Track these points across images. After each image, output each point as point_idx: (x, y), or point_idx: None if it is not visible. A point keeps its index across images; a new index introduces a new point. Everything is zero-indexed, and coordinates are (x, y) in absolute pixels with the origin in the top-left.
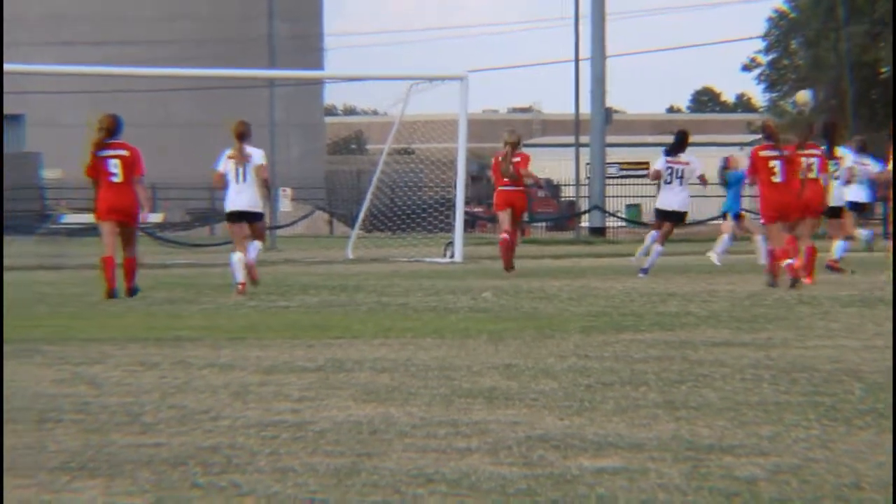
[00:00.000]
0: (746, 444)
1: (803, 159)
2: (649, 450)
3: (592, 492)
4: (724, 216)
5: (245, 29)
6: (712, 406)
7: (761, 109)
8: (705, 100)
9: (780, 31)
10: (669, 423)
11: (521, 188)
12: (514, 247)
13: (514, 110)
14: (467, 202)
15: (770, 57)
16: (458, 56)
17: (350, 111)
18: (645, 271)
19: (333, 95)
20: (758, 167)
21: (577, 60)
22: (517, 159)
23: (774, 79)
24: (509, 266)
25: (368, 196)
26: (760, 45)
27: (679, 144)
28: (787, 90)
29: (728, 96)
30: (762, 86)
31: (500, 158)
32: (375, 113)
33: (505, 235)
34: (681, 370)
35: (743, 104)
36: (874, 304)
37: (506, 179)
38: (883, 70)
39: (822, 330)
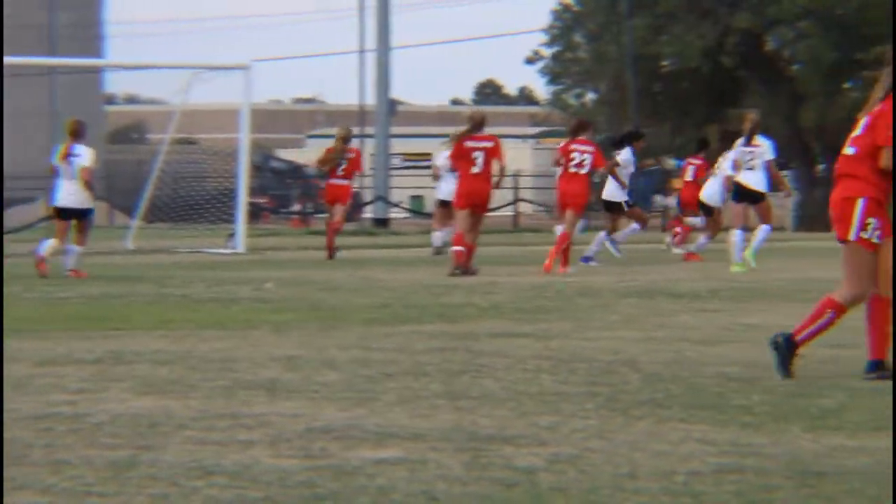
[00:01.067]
0: (526, 435)
1: (574, 154)
2: (430, 440)
3: (372, 482)
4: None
5: (23, 17)
6: (493, 396)
7: (544, 102)
8: (489, 92)
9: (564, 24)
10: (451, 413)
11: (348, 182)
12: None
13: (299, 101)
14: (251, 193)
15: (553, 50)
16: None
17: (132, 100)
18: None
19: (115, 84)
20: (460, 156)
21: (361, 51)
22: (351, 154)
23: (557, 72)
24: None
25: (149, 186)
26: (544, 37)
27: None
28: (569, 83)
29: (511, 89)
30: (545, 79)
31: (331, 153)
32: (158, 102)
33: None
34: (462, 361)
35: (526, 97)
36: (654, 295)
37: (340, 173)
38: (664, 63)
39: (602, 321)
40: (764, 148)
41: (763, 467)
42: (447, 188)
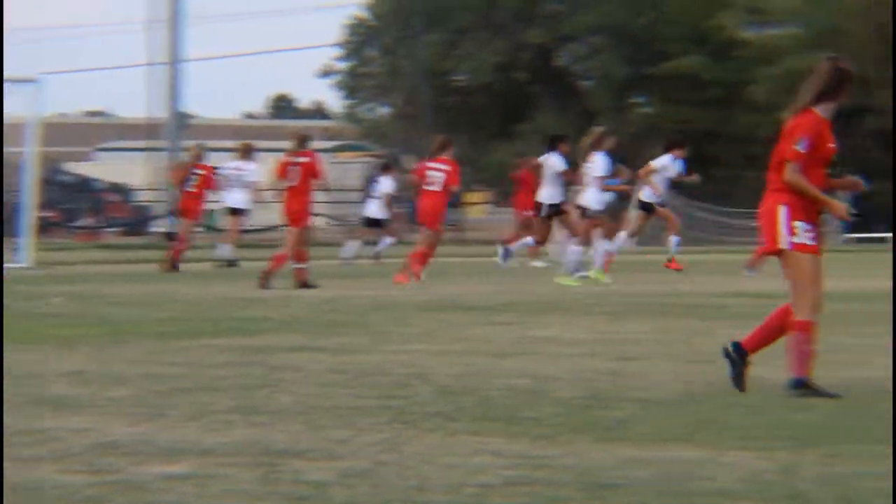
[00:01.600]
0: (319, 449)
1: (430, 172)
2: (222, 455)
3: (161, 498)
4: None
5: None
6: (287, 411)
7: (338, 116)
8: (282, 106)
9: (358, 39)
10: (244, 428)
11: (199, 198)
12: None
13: (89, 114)
14: (40, 207)
15: (347, 64)
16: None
17: None
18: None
19: None
20: (284, 173)
21: (150, 64)
22: (202, 171)
23: (351, 86)
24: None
25: None
26: (337, 52)
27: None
28: (364, 97)
29: (304, 103)
30: (339, 93)
31: (181, 169)
32: None
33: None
34: (257, 375)
35: (319, 111)
36: (450, 308)
37: (190, 189)
38: (458, 78)
39: (397, 335)
40: (596, 164)
41: (554, 479)
42: (238, 197)
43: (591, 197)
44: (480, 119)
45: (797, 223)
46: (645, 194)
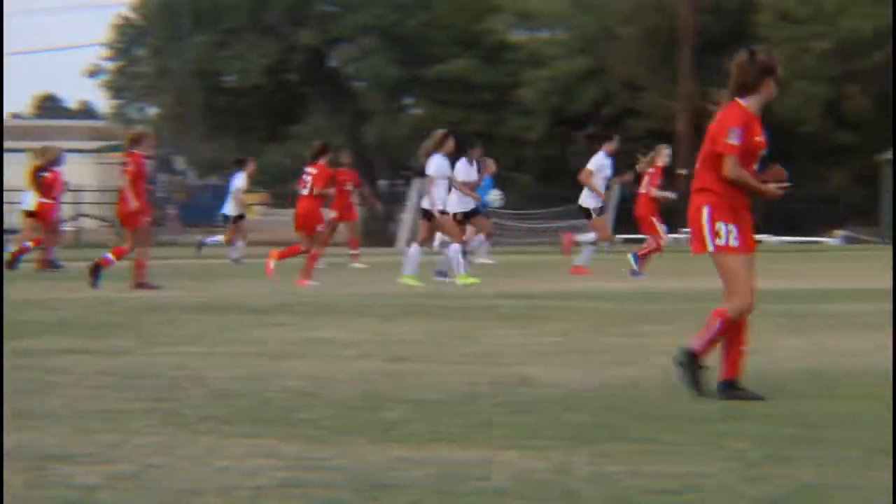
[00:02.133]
0: (89, 452)
1: (305, 177)
2: None
3: None
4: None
5: None
6: (57, 415)
7: (105, 116)
8: (49, 106)
9: (126, 39)
10: (15, 433)
11: (51, 201)
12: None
13: None
14: None
15: (115, 64)
16: None
17: None
18: None
19: None
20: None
21: None
22: (46, 174)
23: (119, 86)
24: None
25: None
26: (104, 51)
27: None
28: (132, 97)
29: (71, 103)
30: (106, 93)
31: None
32: None
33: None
34: (27, 379)
35: (86, 111)
36: (225, 310)
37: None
38: (227, 79)
39: (169, 337)
40: (432, 166)
41: (328, 481)
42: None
43: (444, 198)
44: (251, 121)
45: (719, 225)
46: (586, 199)
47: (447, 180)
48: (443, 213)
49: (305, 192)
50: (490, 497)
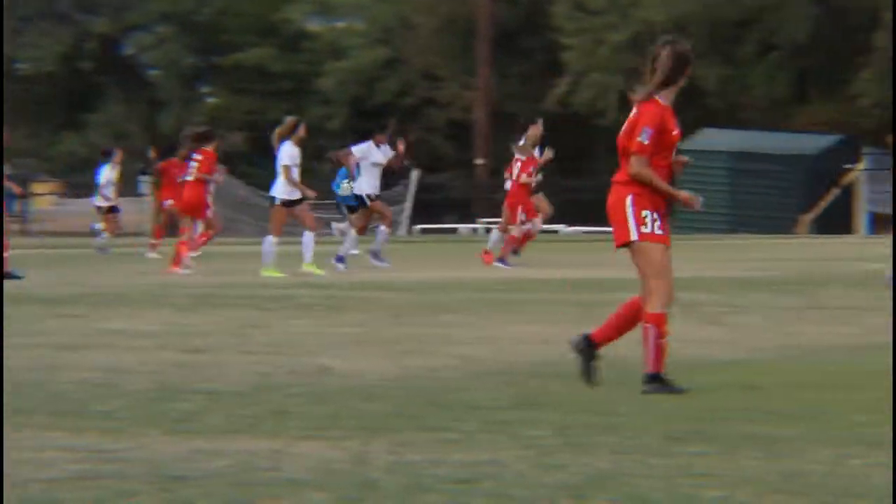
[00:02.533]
0: None
1: (191, 163)
2: None
3: None
4: None
5: None
6: None
7: None
8: None
9: None
10: None
11: None
12: None
13: None
14: None
15: None
16: None
17: None
18: None
19: None
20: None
21: None
22: None
23: None
24: None
25: None
26: None
27: None
28: None
29: None
30: None
31: None
32: None
33: None
34: None
35: None
36: (17, 301)
37: None
38: (20, 67)
39: None
40: (283, 153)
41: (123, 472)
42: None
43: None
44: (45, 109)
45: (645, 213)
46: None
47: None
48: (285, 203)
49: (191, 177)
50: (286, 487)
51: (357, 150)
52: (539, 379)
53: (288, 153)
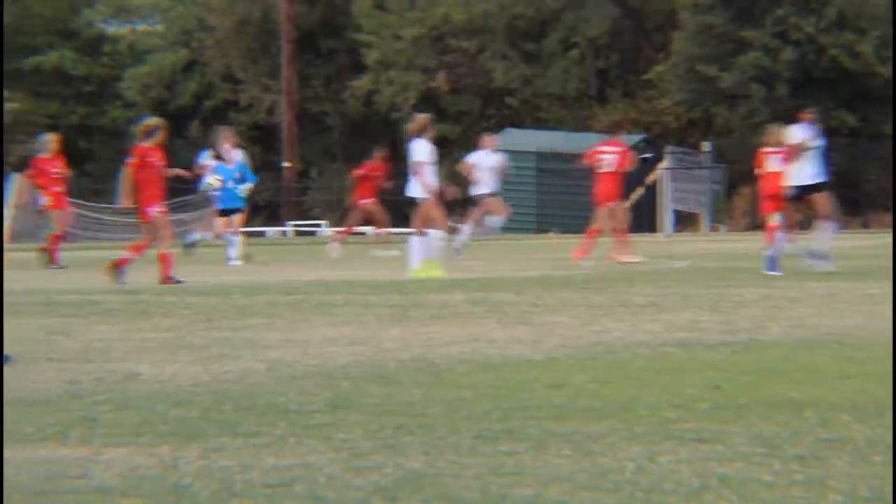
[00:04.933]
0: None
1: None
2: None
3: None
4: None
5: None
6: None
7: None
8: None
9: None
10: None
11: None
12: None
13: None
14: None
15: None
16: None
17: None
18: None
19: None
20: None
21: None
22: None
23: None
24: None
25: None
26: None
27: None
28: None
29: None
30: None
31: None
32: None
33: None
34: None
35: None
36: None
37: None
38: None
39: None
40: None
41: None
42: None
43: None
44: None
45: None
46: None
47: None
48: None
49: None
50: (93, 495)
51: None
52: (350, 381)
53: (422, 150)
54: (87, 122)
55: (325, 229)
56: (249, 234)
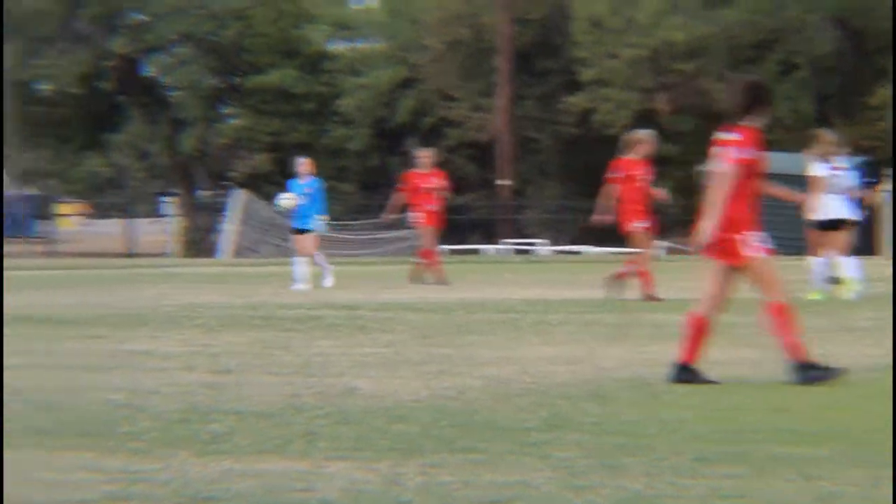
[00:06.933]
0: None
1: None
2: None
3: None
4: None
5: None
6: None
7: None
8: None
9: None
10: None
11: None
12: None
13: None
14: None
15: None
16: None
17: None
18: None
19: None
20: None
21: None
22: None
23: None
24: None
25: None
26: None
27: None
28: None
29: None
30: None
31: None
32: None
33: None
34: None
35: None
36: (39, 322)
37: None
38: (42, 88)
39: None
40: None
41: (152, 493)
42: None
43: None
44: (67, 129)
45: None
46: None
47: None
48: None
49: None
50: None
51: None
52: (567, 399)
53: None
54: (308, 139)
55: (542, 248)
56: (464, 252)
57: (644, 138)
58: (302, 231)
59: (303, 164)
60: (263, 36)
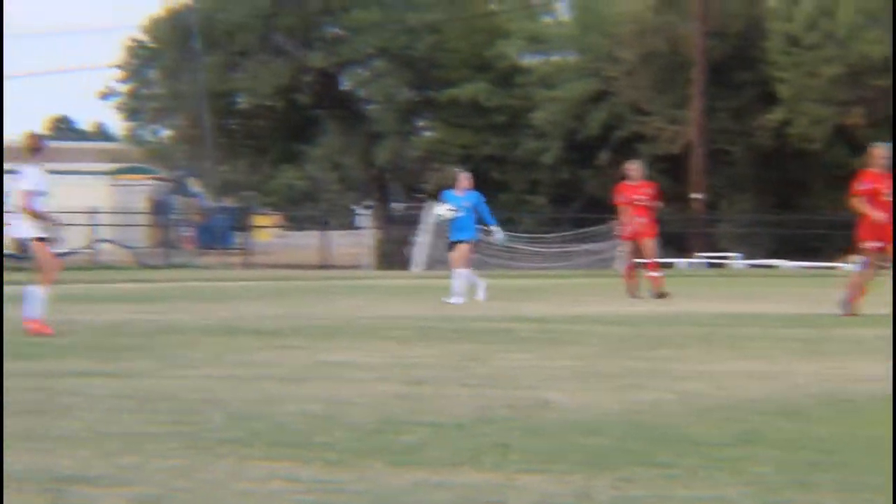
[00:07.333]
0: (109, 475)
1: None
2: (7, 482)
3: None
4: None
5: None
6: (74, 437)
7: (120, 139)
8: (63, 127)
9: (138, 61)
10: (26, 454)
11: None
12: None
13: None
14: None
15: (128, 86)
16: None
17: None
18: None
19: None
20: None
21: None
22: None
23: (133, 108)
24: None
25: None
26: (118, 73)
27: None
28: (145, 119)
29: (85, 124)
30: (121, 114)
31: None
32: None
33: None
34: (41, 400)
35: (101, 133)
36: (237, 332)
37: None
38: (239, 100)
39: (185, 359)
40: None
41: None
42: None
43: None
44: (264, 142)
45: None
46: None
47: None
48: None
49: None
50: None
51: None
52: (761, 415)
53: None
54: (500, 152)
55: (736, 261)
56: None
57: (882, 152)
58: (458, 243)
59: (464, 177)
60: (456, 50)
